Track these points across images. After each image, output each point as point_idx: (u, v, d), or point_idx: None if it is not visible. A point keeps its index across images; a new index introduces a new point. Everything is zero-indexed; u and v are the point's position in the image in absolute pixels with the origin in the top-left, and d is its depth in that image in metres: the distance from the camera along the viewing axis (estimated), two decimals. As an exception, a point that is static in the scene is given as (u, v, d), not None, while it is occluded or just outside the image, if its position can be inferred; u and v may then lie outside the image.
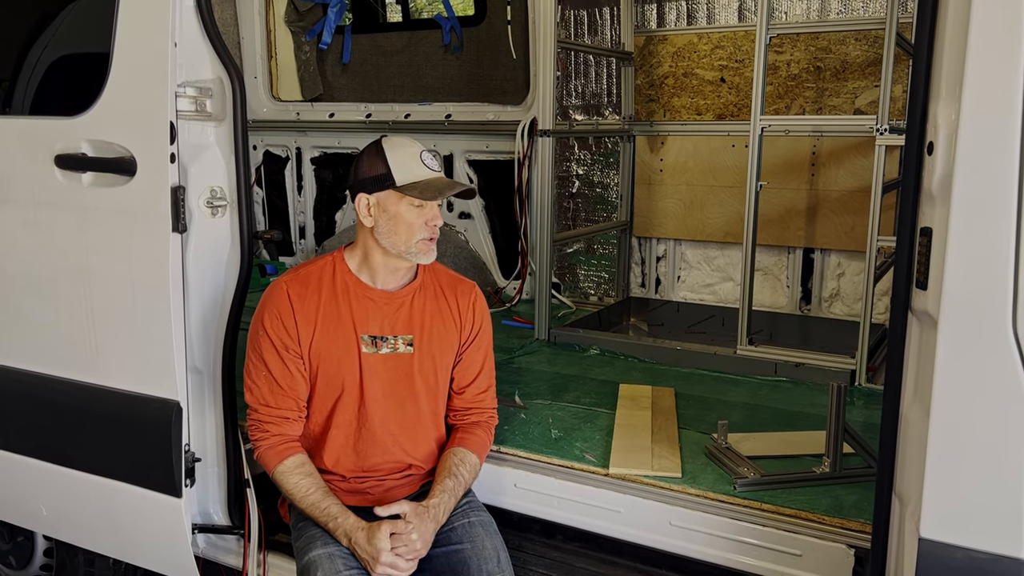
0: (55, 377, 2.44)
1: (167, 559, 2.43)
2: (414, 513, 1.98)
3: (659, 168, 4.14)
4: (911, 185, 1.49)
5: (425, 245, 2.08)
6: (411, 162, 2.06)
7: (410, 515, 1.98)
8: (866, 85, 3.64)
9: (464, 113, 4.52)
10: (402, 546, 1.94)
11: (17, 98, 2.57)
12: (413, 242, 2.07)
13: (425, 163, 2.06)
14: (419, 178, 2.04)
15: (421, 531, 1.97)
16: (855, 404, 2.83)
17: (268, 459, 2.09)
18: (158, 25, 2.12)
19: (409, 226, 2.05)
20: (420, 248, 2.08)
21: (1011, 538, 1.36)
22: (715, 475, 2.22)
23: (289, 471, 2.07)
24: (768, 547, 2.02)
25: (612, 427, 2.55)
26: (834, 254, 3.84)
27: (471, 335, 2.25)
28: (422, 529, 1.97)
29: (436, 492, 2.07)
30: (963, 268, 1.36)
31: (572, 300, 4.39)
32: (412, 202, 2.04)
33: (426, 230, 2.07)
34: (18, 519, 2.81)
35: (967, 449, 1.38)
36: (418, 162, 2.06)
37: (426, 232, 2.07)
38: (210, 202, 2.24)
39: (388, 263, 2.12)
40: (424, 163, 2.06)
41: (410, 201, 2.04)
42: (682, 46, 4.04)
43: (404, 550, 1.94)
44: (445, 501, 2.06)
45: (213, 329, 2.31)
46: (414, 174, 2.05)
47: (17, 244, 2.48)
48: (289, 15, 5.00)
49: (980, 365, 1.35)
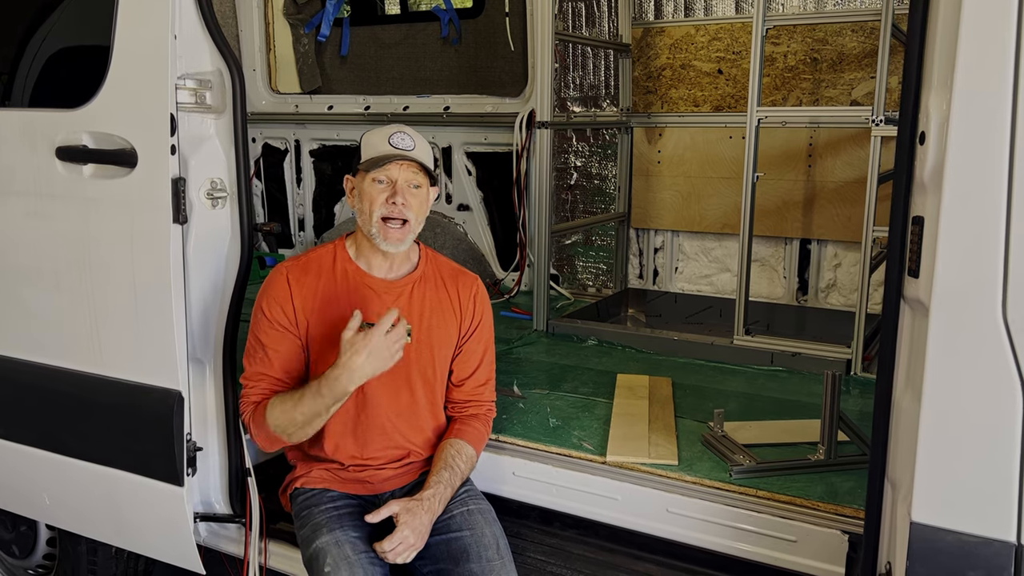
0: (57, 367, 2.46)
1: (169, 547, 2.45)
2: (404, 510, 2.00)
3: (657, 160, 4.16)
4: (903, 175, 1.50)
5: (386, 229, 2.06)
6: (378, 142, 2.08)
7: (400, 515, 2.00)
8: (862, 76, 3.65)
9: (462, 105, 4.53)
10: (398, 544, 1.96)
11: (17, 90, 2.58)
12: (373, 220, 2.07)
13: (391, 142, 2.07)
14: (377, 153, 2.07)
15: (414, 526, 1.99)
16: (851, 393, 2.85)
17: (258, 419, 2.09)
18: (158, 17, 2.13)
19: (371, 202, 2.07)
20: (380, 229, 2.07)
21: (1000, 522, 1.38)
22: (711, 463, 2.24)
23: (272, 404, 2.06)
24: (763, 533, 2.04)
25: (610, 416, 2.57)
26: (831, 245, 3.85)
27: (471, 327, 2.26)
28: (414, 524, 1.99)
29: (431, 483, 2.09)
30: (954, 256, 1.37)
31: (570, 291, 4.41)
32: (375, 176, 2.06)
33: (385, 207, 2.06)
34: (21, 508, 2.83)
35: (958, 435, 1.40)
36: (384, 141, 2.08)
37: (384, 209, 2.06)
38: (210, 193, 2.25)
39: (375, 249, 2.14)
40: (389, 142, 2.07)
41: (373, 176, 2.06)
42: (679, 38, 4.05)
43: (401, 547, 1.97)
44: (440, 492, 2.08)
45: (214, 320, 2.32)
46: (376, 150, 2.07)
47: (19, 236, 2.49)
48: (288, 8, 5.00)
49: (971, 352, 1.37)
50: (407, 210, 2.07)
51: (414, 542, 1.99)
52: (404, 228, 2.09)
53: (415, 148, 2.09)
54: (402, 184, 2.07)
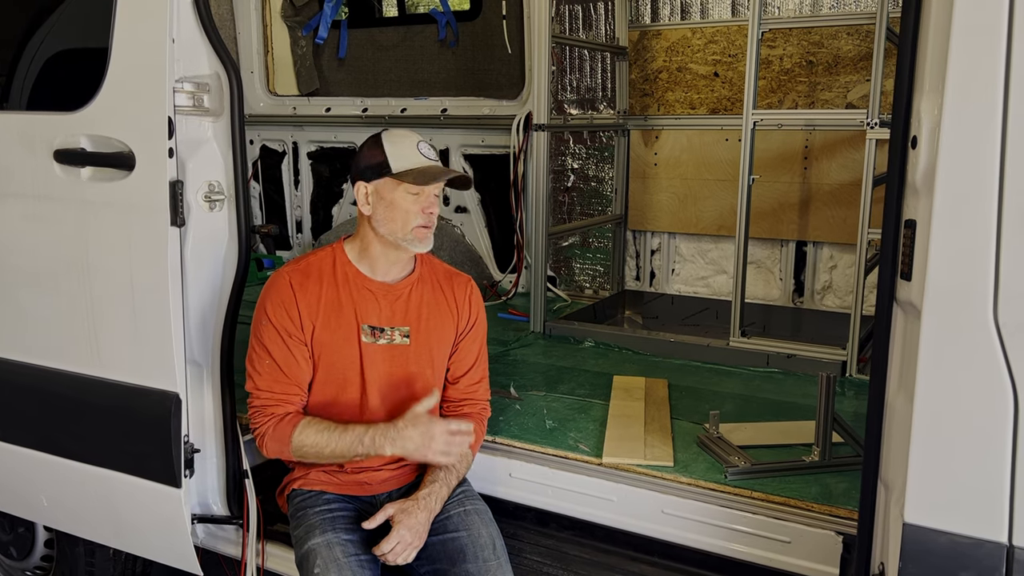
0: (55, 369, 2.46)
1: (167, 549, 2.46)
2: (400, 511, 2.02)
3: (653, 162, 4.17)
4: (896, 178, 1.52)
5: (421, 233, 2.10)
6: (408, 151, 2.09)
7: (396, 516, 2.01)
8: (858, 79, 3.67)
9: (460, 107, 4.54)
10: (396, 544, 1.98)
11: (15, 93, 2.58)
12: (409, 229, 2.09)
13: (421, 152, 2.09)
14: (415, 165, 2.07)
15: (410, 525, 2.00)
16: (846, 395, 2.87)
17: (279, 434, 2.08)
18: (156, 21, 2.13)
19: (405, 213, 2.08)
20: (416, 235, 2.10)
21: (992, 523, 1.39)
22: (707, 464, 2.25)
23: (305, 426, 2.07)
24: (758, 534, 2.05)
25: (606, 418, 2.58)
26: (826, 247, 3.87)
27: (467, 327, 2.28)
28: (411, 523, 2.00)
29: (427, 482, 2.11)
30: (946, 259, 1.38)
31: (567, 293, 4.42)
32: (409, 188, 2.07)
33: (422, 217, 2.09)
34: (19, 510, 2.83)
35: (950, 436, 1.41)
36: (414, 151, 2.09)
37: (422, 219, 2.09)
38: (208, 196, 2.26)
39: (387, 253, 2.15)
40: (420, 152, 2.09)
41: (406, 188, 2.07)
42: (676, 41, 4.06)
43: (399, 547, 1.98)
44: (436, 490, 2.09)
45: (212, 322, 2.33)
46: (410, 161, 2.08)
47: (17, 238, 2.49)
48: (285, 10, 5.01)
49: (962, 354, 1.38)
50: (435, 218, 2.14)
51: (412, 540, 2.00)
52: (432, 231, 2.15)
53: (438, 158, 2.15)
54: (431, 193, 2.11)
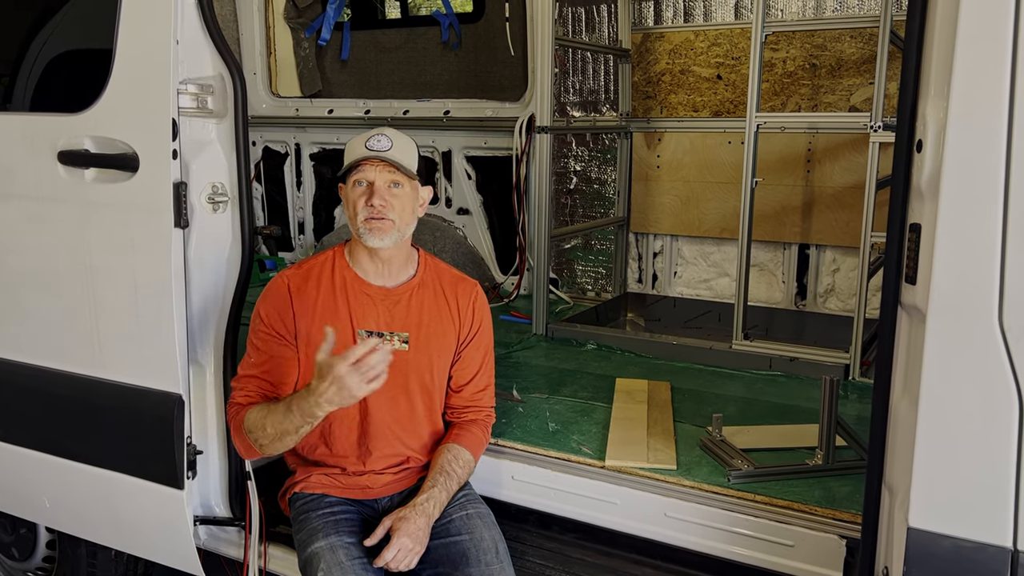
0: (58, 371, 2.46)
1: (169, 550, 2.46)
2: (398, 519, 2.01)
3: (656, 164, 4.17)
4: (900, 182, 1.51)
5: (370, 224, 2.05)
6: (357, 146, 2.08)
7: (394, 524, 2.01)
8: (861, 82, 3.66)
9: (462, 109, 4.54)
10: (397, 551, 1.97)
11: (18, 94, 2.59)
12: (359, 222, 2.07)
13: (368, 145, 2.06)
14: (354, 158, 2.06)
15: (409, 531, 1.99)
16: (849, 398, 2.86)
17: (236, 424, 2.08)
18: (160, 23, 2.13)
19: (353, 205, 2.08)
20: (366, 227, 2.06)
21: (997, 527, 1.39)
22: (710, 467, 2.25)
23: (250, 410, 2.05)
24: (761, 538, 2.05)
25: (608, 420, 2.58)
26: (829, 250, 3.86)
27: (470, 334, 2.26)
28: (410, 529, 2.00)
29: (427, 488, 2.10)
30: (951, 263, 1.38)
31: (569, 295, 4.42)
32: (355, 179, 2.07)
33: (365, 209, 2.05)
34: (21, 511, 2.83)
35: (954, 440, 1.41)
36: (362, 145, 2.07)
37: (364, 211, 2.05)
38: (211, 198, 2.26)
39: (368, 254, 2.14)
40: (367, 145, 2.06)
41: (353, 179, 2.07)
42: (679, 43, 4.06)
43: (400, 554, 1.97)
44: (436, 495, 2.08)
45: (214, 323, 2.33)
46: (354, 155, 2.07)
47: (21, 239, 2.50)
48: (288, 11, 5.02)
49: (967, 358, 1.38)
50: (388, 210, 2.05)
51: (412, 547, 1.99)
52: (385, 223, 2.07)
53: (392, 148, 2.06)
54: (380, 185, 2.05)
